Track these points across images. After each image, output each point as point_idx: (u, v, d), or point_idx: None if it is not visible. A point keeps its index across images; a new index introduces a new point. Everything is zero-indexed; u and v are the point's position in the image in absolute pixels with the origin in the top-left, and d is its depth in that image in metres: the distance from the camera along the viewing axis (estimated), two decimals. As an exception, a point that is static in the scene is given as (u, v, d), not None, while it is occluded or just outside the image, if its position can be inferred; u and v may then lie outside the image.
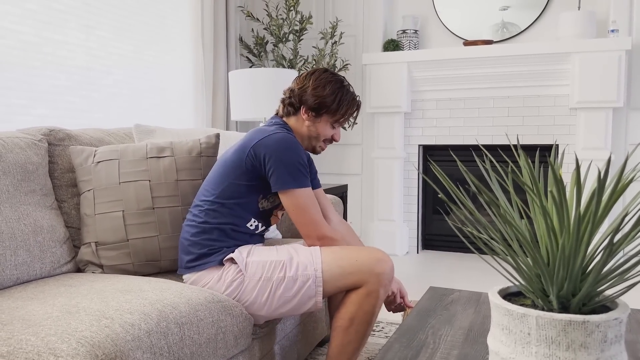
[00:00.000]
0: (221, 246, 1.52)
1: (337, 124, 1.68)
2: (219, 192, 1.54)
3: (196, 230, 1.53)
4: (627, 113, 3.48)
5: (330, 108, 1.63)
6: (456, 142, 3.83)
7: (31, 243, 1.44)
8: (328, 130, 1.67)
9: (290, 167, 1.51)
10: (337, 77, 1.68)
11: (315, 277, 1.47)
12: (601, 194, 0.65)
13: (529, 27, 3.68)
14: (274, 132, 1.55)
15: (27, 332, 1.00)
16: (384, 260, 1.50)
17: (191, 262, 1.52)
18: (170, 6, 3.41)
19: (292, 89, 1.68)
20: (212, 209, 1.54)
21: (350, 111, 1.68)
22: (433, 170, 1.06)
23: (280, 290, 1.46)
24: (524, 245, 0.74)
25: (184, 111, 3.58)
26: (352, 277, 1.48)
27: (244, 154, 1.54)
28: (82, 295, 1.23)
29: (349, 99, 1.66)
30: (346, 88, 1.67)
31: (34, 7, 2.48)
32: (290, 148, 1.52)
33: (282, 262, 1.48)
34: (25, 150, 1.55)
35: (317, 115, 1.64)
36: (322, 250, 1.53)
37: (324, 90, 1.63)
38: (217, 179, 1.56)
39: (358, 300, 1.48)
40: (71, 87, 2.70)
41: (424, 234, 4.10)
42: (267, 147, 1.52)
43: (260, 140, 1.53)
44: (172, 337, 1.14)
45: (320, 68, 1.70)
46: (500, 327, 0.75)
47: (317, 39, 4.19)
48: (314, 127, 1.66)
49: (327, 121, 1.66)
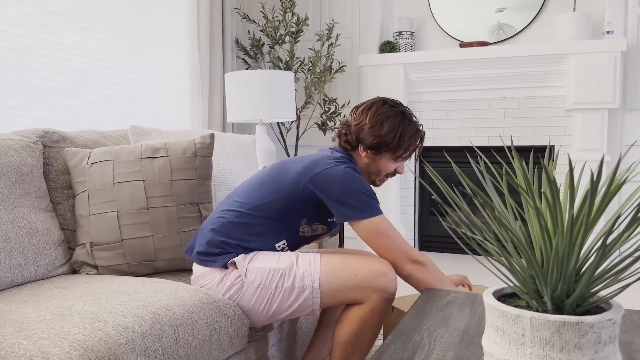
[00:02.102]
0: (232, 251, 1.48)
1: (400, 159, 1.59)
2: (260, 205, 1.48)
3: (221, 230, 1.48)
4: (622, 114, 3.49)
5: (390, 146, 1.54)
6: (452, 143, 3.84)
7: (26, 245, 1.43)
8: (390, 166, 1.59)
9: (358, 198, 1.44)
10: (397, 109, 1.56)
11: (313, 289, 1.42)
12: (594, 195, 0.65)
13: (525, 28, 3.69)
14: (337, 165, 1.48)
15: (20, 336, 0.99)
16: (385, 274, 1.42)
17: (201, 255, 1.49)
18: (167, 8, 3.41)
19: (348, 124, 1.59)
20: (243, 221, 1.48)
21: (413, 147, 1.58)
22: (429, 172, 1.07)
23: (277, 299, 1.43)
24: (518, 247, 0.74)
25: (180, 113, 3.58)
26: (353, 292, 1.42)
27: (303, 180, 1.47)
28: (75, 297, 1.22)
29: (411, 133, 1.56)
30: (407, 121, 1.56)
31: (30, 9, 2.47)
32: (357, 180, 1.46)
33: (281, 271, 1.43)
34: (20, 153, 1.54)
35: (377, 153, 1.56)
36: (321, 260, 1.46)
37: (382, 129, 1.53)
38: (264, 190, 1.50)
39: (362, 317, 1.43)
40: (67, 89, 2.70)
41: (420, 235, 4.10)
42: (331, 178, 1.45)
43: (324, 171, 1.46)
44: (167, 339, 1.13)
45: (378, 100, 1.58)
46: (494, 328, 0.75)
47: (314, 41, 4.19)
48: (374, 165, 1.58)
49: (389, 158, 1.58)
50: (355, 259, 1.46)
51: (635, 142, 2.21)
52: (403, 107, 1.59)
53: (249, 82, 2.88)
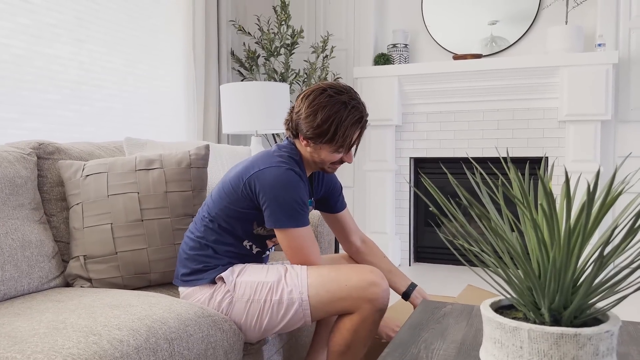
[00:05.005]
0: (216, 264, 1.49)
1: (342, 150, 1.48)
2: (217, 212, 1.48)
3: (193, 244, 1.51)
4: (615, 126, 3.52)
5: (326, 138, 1.44)
6: (447, 154, 3.85)
7: (19, 258, 1.42)
8: (334, 156, 1.49)
9: (286, 207, 1.40)
10: (336, 98, 1.43)
11: (302, 301, 1.40)
12: (591, 206, 0.65)
13: (518, 41, 3.73)
14: (274, 166, 1.42)
15: (13, 350, 0.98)
16: (376, 284, 1.39)
17: (185, 276, 1.50)
18: (162, 20, 3.42)
19: (291, 111, 1.52)
20: (210, 227, 1.49)
21: (350, 139, 1.45)
22: (424, 183, 1.04)
23: (267, 314, 1.42)
24: (515, 258, 0.74)
25: (175, 124, 3.57)
26: (343, 303, 1.40)
27: (241, 182, 1.44)
28: (69, 310, 1.21)
29: (348, 124, 1.43)
30: (347, 111, 1.42)
31: (25, 21, 2.47)
32: (286, 187, 1.40)
33: (269, 284, 1.42)
34: (14, 164, 1.54)
35: (315, 143, 1.46)
36: (309, 272, 1.43)
37: (315, 119, 1.42)
38: (217, 197, 1.50)
39: (353, 327, 1.41)
40: (62, 101, 2.69)
41: (415, 247, 4.09)
42: (262, 180, 1.41)
43: (259, 172, 1.42)
44: (162, 353, 1.12)
45: (318, 88, 1.46)
46: (492, 340, 0.75)
47: (309, 53, 4.21)
48: (317, 154, 1.49)
49: (328, 150, 1.47)
50: (345, 270, 1.43)
51: (631, 153, 2.23)
52: (347, 95, 1.45)
53: (245, 93, 2.89)
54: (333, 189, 1.69)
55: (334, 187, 1.70)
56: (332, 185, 1.69)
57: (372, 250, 1.76)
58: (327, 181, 1.69)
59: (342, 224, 1.73)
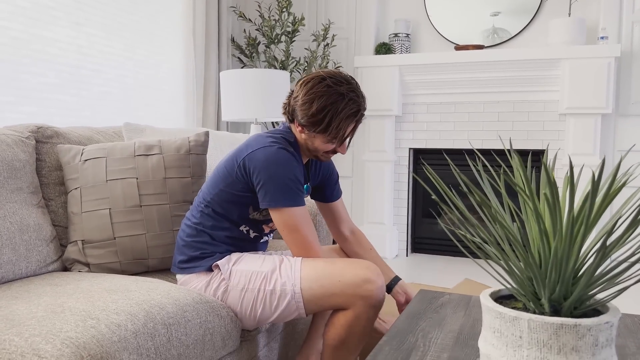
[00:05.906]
0: (214, 251, 1.49)
1: (335, 141, 1.48)
2: (212, 197, 1.48)
3: (190, 231, 1.51)
4: (615, 119, 3.51)
5: (320, 128, 1.43)
6: (446, 146, 3.85)
7: (17, 241, 1.41)
8: (326, 146, 1.49)
9: (280, 184, 1.38)
10: (335, 88, 1.41)
11: (294, 293, 1.39)
12: (595, 195, 0.65)
13: (520, 33, 3.71)
14: (267, 145, 1.42)
15: (11, 332, 0.98)
16: (370, 281, 1.36)
17: (183, 264, 1.50)
18: (162, 5, 3.39)
19: (290, 96, 1.51)
20: (206, 212, 1.49)
21: (344, 131, 1.44)
22: (426, 172, 1.03)
23: (261, 304, 1.42)
24: (515, 247, 0.74)
25: (174, 111, 3.56)
26: (336, 299, 1.38)
27: (235, 164, 1.44)
28: (67, 294, 1.21)
29: (343, 117, 1.42)
30: (344, 103, 1.41)
31: (23, 3, 2.45)
32: (280, 164, 1.38)
33: (264, 274, 1.41)
34: (12, 147, 1.53)
35: (310, 131, 1.46)
36: (302, 265, 1.42)
37: (310, 108, 1.41)
38: (212, 182, 1.50)
39: (347, 323, 1.39)
40: (61, 84, 2.67)
41: (413, 237, 4.10)
42: (256, 161, 1.40)
43: (251, 153, 1.42)
44: (159, 338, 1.12)
45: (318, 76, 1.44)
46: (491, 330, 0.74)
47: (309, 41, 4.19)
48: (310, 142, 1.49)
49: (322, 139, 1.47)
50: (340, 265, 1.41)
51: (634, 145, 2.23)
52: (347, 87, 1.42)
53: (244, 80, 2.87)
54: (330, 177, 1.69)
55: (331, 176, 1.69)
56: (329, 173, 1.69)
57: (360, 242, 1.75)
58: (325, 169, 1.69)
59: (335, 213, 1.73)
